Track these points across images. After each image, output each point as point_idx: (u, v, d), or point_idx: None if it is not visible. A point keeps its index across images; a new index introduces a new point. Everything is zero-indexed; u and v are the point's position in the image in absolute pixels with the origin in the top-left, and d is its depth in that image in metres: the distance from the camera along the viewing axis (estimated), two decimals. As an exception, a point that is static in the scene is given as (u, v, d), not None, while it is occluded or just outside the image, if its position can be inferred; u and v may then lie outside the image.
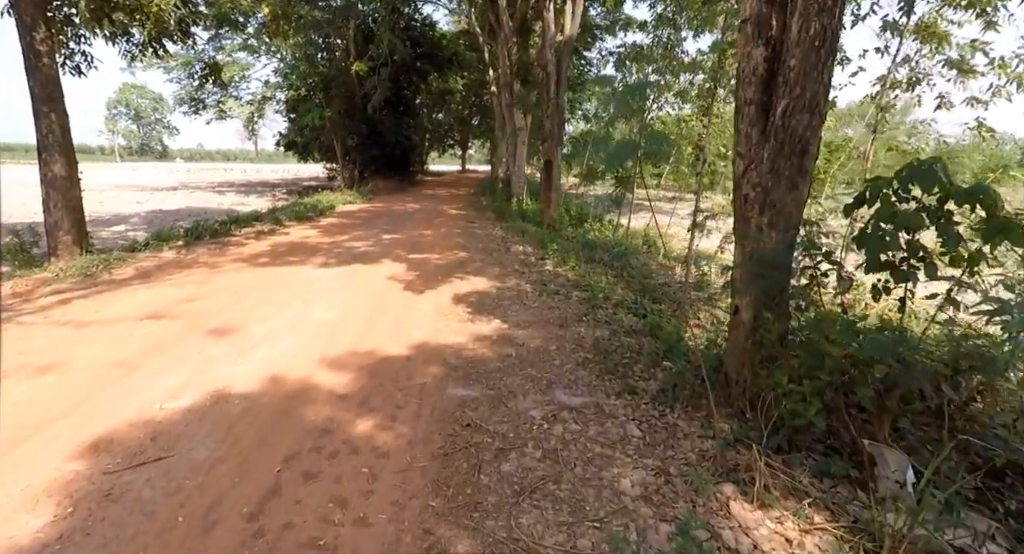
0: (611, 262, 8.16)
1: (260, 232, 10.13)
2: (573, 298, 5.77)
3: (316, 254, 8.00)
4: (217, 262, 7.18)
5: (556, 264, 7.63)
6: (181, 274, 6.39)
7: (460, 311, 5.14)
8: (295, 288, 5.86)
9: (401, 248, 8.74)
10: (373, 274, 6.71)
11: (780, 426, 2.53)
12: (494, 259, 7.97)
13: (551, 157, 10.95)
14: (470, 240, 9.75)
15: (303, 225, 11.45)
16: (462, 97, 36.17)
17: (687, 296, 6.66)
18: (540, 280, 6.54)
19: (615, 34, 22.44)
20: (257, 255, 7.80)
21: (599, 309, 5.36)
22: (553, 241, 9.12)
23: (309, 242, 9.12)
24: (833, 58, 2.65)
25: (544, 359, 3.92)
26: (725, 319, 5.44)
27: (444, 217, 13.72)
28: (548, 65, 10.54)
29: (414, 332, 4.45)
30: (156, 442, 2.62)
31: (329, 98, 20.47)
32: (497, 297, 5.69)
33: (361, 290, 5.87)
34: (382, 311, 5.07)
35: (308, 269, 6.90)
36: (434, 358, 3.89)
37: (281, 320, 4.67)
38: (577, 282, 6.48)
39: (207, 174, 42.67)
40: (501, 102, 17.58)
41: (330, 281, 6.24)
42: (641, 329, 4.74)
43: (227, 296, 5.43)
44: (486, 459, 2.53)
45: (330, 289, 5.86)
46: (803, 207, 2.89)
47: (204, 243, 8.78)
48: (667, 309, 5.79)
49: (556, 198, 11.41)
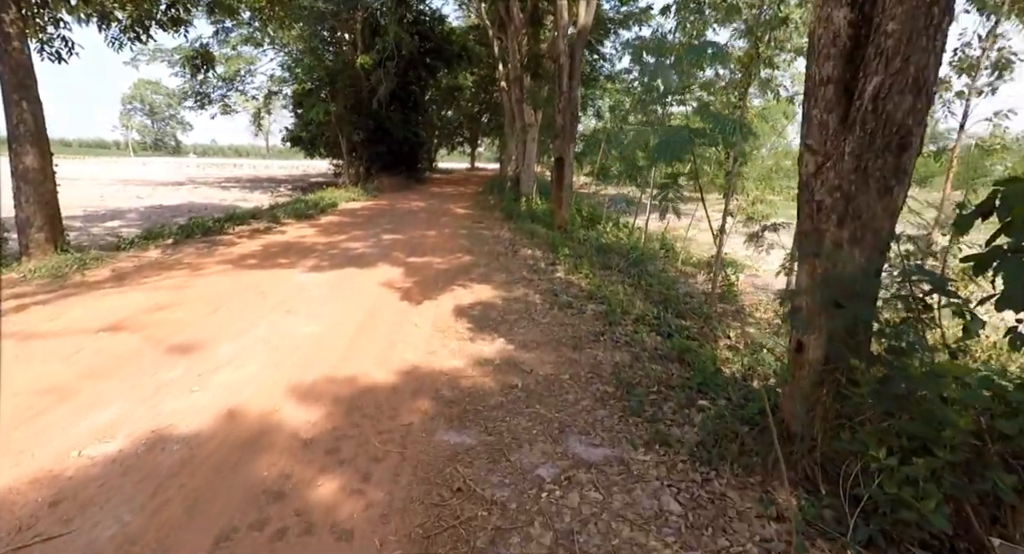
0: (627, 269, 7.53)
1: (255, 230, 9.60)
2: (588, 312, 5.14)
3: (309, 256, 7.44)
4: (202, 263, 6.64)
5: (568, 271, 7.01)
6: (159, 277, 5.85)
7: (460, 327, 4.54)
8: (279, 295, 5.29)
9: (401, 250, 8.16)
10: (368, 280, 6.13)
11: (872, 511, 1.90)
12: (501, 264, 7.36)
13: (563, 154, 10.31)
14: (475, 242, 9.15)
15: (301, 223, 10.91)
16: (471, 94, 35.57)
17: (714, 308, 6.01)
18: (551, 289, 5.92)
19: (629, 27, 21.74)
20: (246, 256, 7.25)
21: (617, 326, 4.73)
22: (564, 245, 8.50)
23: (304, 242, 8.57)
24: (950, 19, 2.00)
25: (555, 392, 3.31)
26: (764, 342, 4.80)
27: (449, 216, 13.13)
28: (560, 57, 9.89)
29: (405, 354, 3.86)
30: (56, 509, 2.04)
31: (335, 92, 19.96)
32: (503, 310, 5.08)
33: (352, 299, 5.28)
34: (372, 326, 4.48)
35: (297, 273, 6.33)
36: (425, 388, 3.29)
37: (255, 335, 4.09)
38: (592, 292, 5.86)
39: (216, 170, 42.50)
40: (511, 98, 16.96)
41: (319, 288, 5.67)
42: (668, 353, 4.11)
43: (202, 304, 4.87)
44: (479, 546, 1.92)
45: (317, 297, 5.28)
46: (896, 218, 2.24)
47: (194, 241, 8.26)
48: (693, 325, 5.15)
49: (568, 198, 10.78)
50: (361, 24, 20.09)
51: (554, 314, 5.03)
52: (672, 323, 5.04)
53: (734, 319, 5.99)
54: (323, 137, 22.78)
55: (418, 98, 26.38)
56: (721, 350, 4.62)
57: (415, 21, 23.16)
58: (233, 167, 50.52)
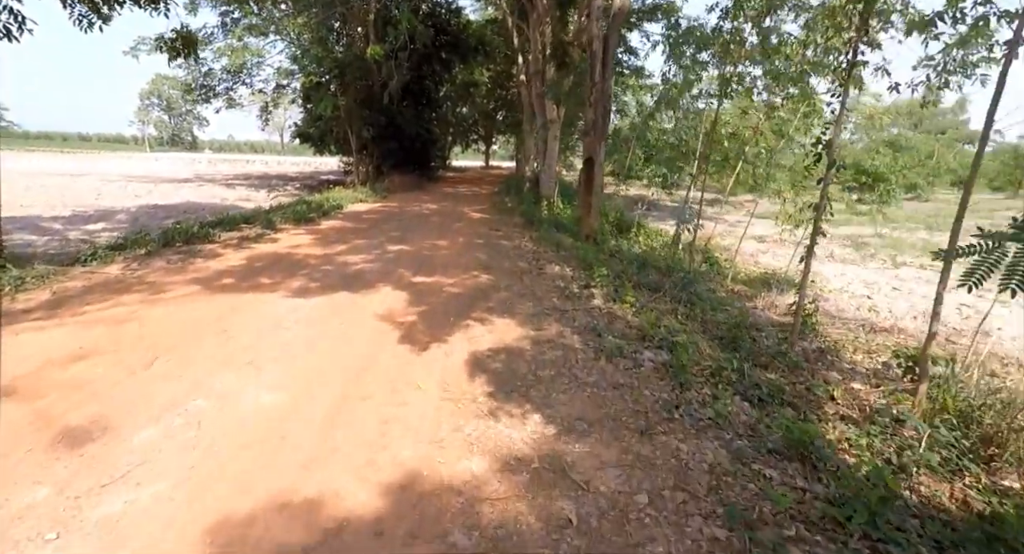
0: (675, 292, 6.27)
1: (244, 238, 8.49)
2: (645, 363, 3.90)
3: (298, 274, 6.28)
4: (166, 284, 5.51)
5: (606, 296, 5.77)
6: (104, 304, 4.72)
7: (478, 390, 3.32)
8: (245, 336, 4.12)
9: (407, 266, 6.97)
10: (363, 310, 4.94)
11: None
12: (525, 286, 6.13)
13: (593, 154, 9.05)
14: (493, 255, 7.93)
15: (299, 229, 9.78)
16: (487, 90, 34.35)
17: (794, 348, 4.73)
18: (590, 326, 4.68)
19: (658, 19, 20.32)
20: (223, 273, 6.11)
21: (690, 389, 3.48)
22: (599, 261, 7.25)
23: (296, 254, 7.42)
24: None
25: (631, 535, 2.08)
26: (893, 412, 3.50)
27: (464, 222, 11.92)
28: (593, 42, 8.62)
29: (402, 449, 2.64)
30: None
31: (344, 86, 18.84)
32: (533, 359, 3.86)
33: (338, 342, 4.09)
34: (360, 391, 3.28)
35: (278, 300, 5.16)
36: (427, 528, 2.08)
37: (191, 411, 2.92)
38: (644, 331, 4.61)
39: (227, 166, 41.83)
40: (531, 92, 15.70)
41: (300, 323, 4.49)
42: (774, 440, 2.85)
43: (139, 351, 3.71)
44: None
45: (294, 340, 4.10)
46: None
47: (171, 251, 7.15)
48: (783, 381, 3.88)
49: (597, 203, 9.52)
50: (374, 15, 18.95)
51: (601, 367, 3.79)
52: (757, 378, 3.79)
53: (823, 363, 4.70)
54: (332, 133, 21.71)
55: (432, 93, 25.25)
56: (834, 424, 3.36)
57: (431, 13, 22.02)
58: (246, 163, 49.90)
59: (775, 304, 6.78)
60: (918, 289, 7.92)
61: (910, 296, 7.53)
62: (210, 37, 17.52)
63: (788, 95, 6.33)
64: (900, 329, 5.79)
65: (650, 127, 16.97)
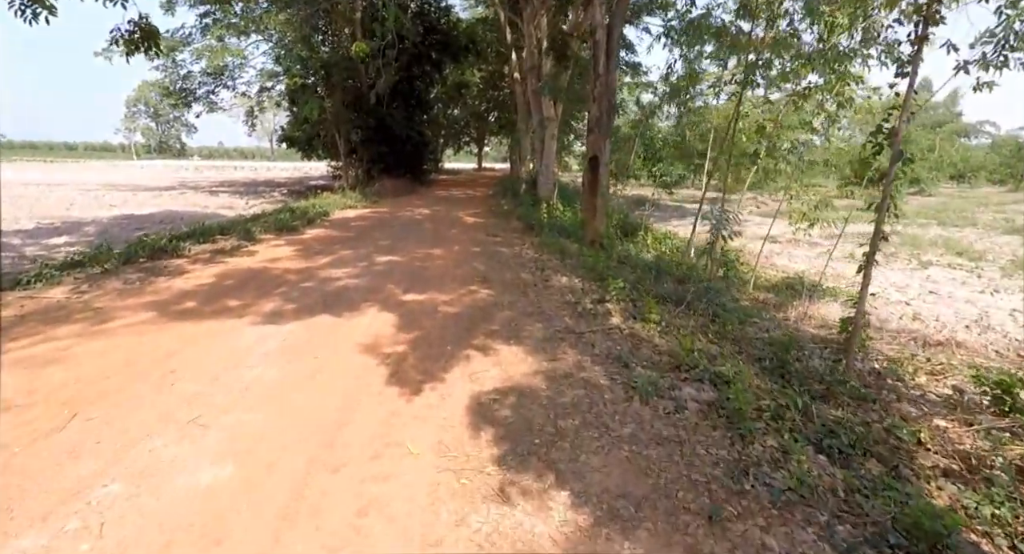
0: (696, 303, 5.58)
1: (218, 251, 7.71)
2: (687, 403, 3.17)
3: (272, 293, 5.51)
4: (115, 310, 4.74)
5: (624, 312, 5.04)
6: (31, 340, 3.94)
7: (484, 455, 2.58)
8: (196, 380, 3.36)
9: (397, 280, 6.23)
10: (343, 340, 4.19)
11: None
12: (530, 302, 5.40)
13: (597, 152, 8.34)
14: (493, 265, 7.19)
15: (280, 240, 9.00)
16: (479, 91, 33.67)
17: (847, 369, 4.02)
18: (613, 353, 3.96)
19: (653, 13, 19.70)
20: (186, 295, 5.34)
21: (752, 443, 2.76)
22: (610, 269, 6.55)
23: (273, 269, 6.65)
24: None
25: None
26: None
27: (459, 227, 11.17)
28: (597, 30, 7.92)
29: (382, 558, 1.91)
30: None
31: (331, 87, 18.07)
32: (551, 404, 3.12)
33: (310, 387, 3.33)
34: (331, 459, 2.53)
35: (244, 327, 4.40)
36: None
37: (96, 503, 2.14)
38: (675, 355, 3.89)
39: (214, 173, 40.90)
40: (526, 89, 14.98)
41: (266, 360, 3.73)
42: (889, 526, 2.13)
43: (55, 403, 2.94)
44: None
45: (256, 383, 3.34)
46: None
47: (132, 268, 6.38)
48: (852, 420, 3.17)
49: (603, 206, 8.81)
50: (361, 13, 18.19)
51: (636, 412, 3.06)
52: (825, 419, 3.08)
53: (887, 390, 4.00)
54: (320, 137, 20.92)
55: (423, 94, 24.49)
56: (937, 483, 2.65)
57: (419, 11, 21.30)
58: (234, 170, 48.95)
59: (808, 314, 6.09)
60: (957, 293, 7.26)
61: (951, 301, 6.86)
62: (188, 38, 16.70)
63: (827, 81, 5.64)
64: (958, 342, 5.10)
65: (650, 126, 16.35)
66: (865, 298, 4.01)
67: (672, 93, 9.59)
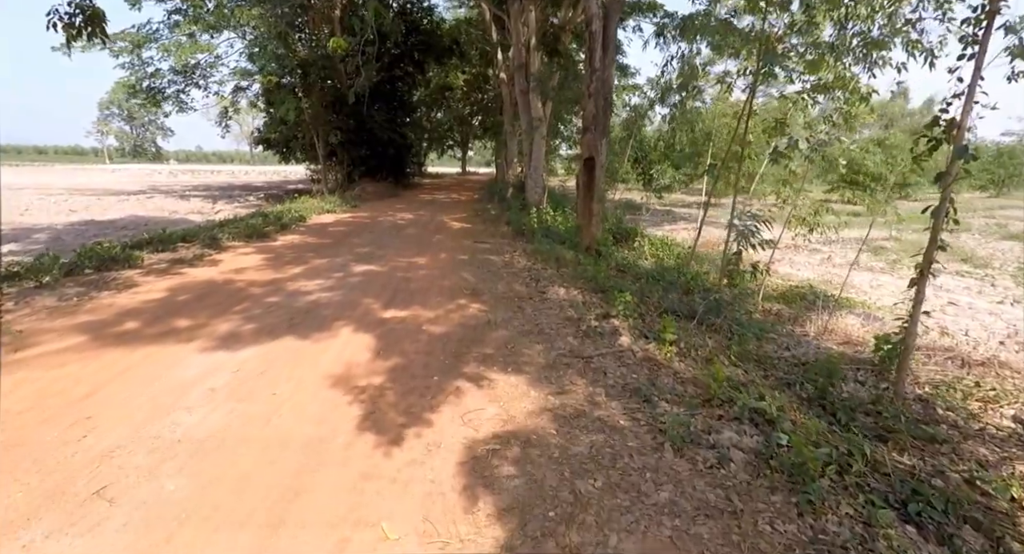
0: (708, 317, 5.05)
1: (177, 261, 6.94)
2: (731, 453, 2.58)
3: (231, 310, 4.81)
4: (38, 335, 3.99)
5: (633, 330, 4.46)
6: (-79, 375, 3.20)
7: (486, 541, 1.95)
8: (116, 429, 2.66)
9: (376, 293, 5.56)
10: (309, 369, 3.52)
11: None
12: (527, 318, 4.78)
13: (593, 153, 7.79)
14: (483, 275, 6.57)
15: (249, 247, 8.25)
16: (463, 93, 33.10)
17: (896, 398, 3.48)
18: (629, 383, 3.36)
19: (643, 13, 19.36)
20: (128, 314, 4.61)
21: (825, 513, 2.17)
22: (611, 279, 5.98)
23: (236, 282, 5.92)
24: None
25: None
26: None
27: (444, 233, 10.52)
28: (592, 21, 7.38)
29: None
30: None
31: (308, 87, 17.27)
32: (564, 459, 2.50)
33: (260, 439, 2.65)
34: (277, 551, 1.88)
35: (191, 355, 3.70)
36: None
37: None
38: (702, 385, 3.31)
39: (189, 177, 39.51)
40: (513, 89, 14.42)
41: (211, 400, 3.04)
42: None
43: (-82, 472, 2.24)
44: None
45: (189, 437, 2.65)
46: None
47: (75, 282, 5.61)
48: (925, 467, 2.62)
49: (599, 210, 8.26)
50: (341, 12, 17.46)
51: (671, 468, 2.45)
52: (903, 474, 2.52)
53: (946, 424, 3.46)
54: (298, 138, 20.07)
55: (405, 96, 23.84)
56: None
57: (401, 10, 20.66)
58: (210, 174, 47.48)
59: (829, 328, 5.58)
60: (977, 304, 6.84)
61: (973, 313, 6.43)
62: (154, 33, 15.80)
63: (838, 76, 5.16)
64: (1001, 362, 4.62)
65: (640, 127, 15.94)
66: (918, 317, 3.48)
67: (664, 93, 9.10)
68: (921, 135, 3.51)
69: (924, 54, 5.09)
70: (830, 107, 5.98)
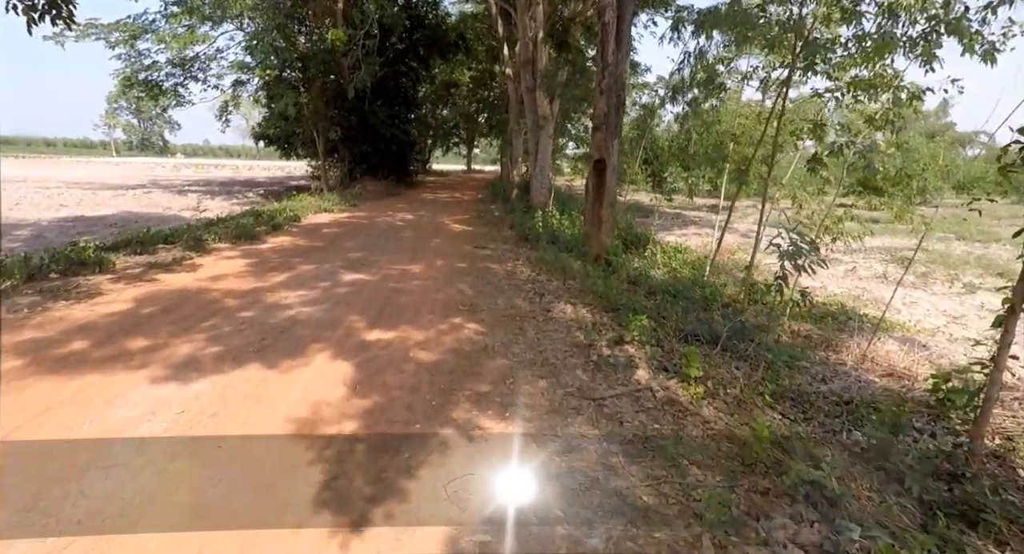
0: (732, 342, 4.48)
1: (154, 265, 6.41)
2: (787, 549, 2.00)
3: (196, 328, 4.26)
4: (-34, 358, 3.46)
5: (651, 361, 3.88)
6: None
7: None
8: (9, 496, 2.11)
9: (362, 308, 5.00)
10: (269, 410, 2.96)
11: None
12: (530, 343, 4.21)
13: (604, 154, 7.19)
14: (481, 287, 6.00)
15: (235, 250, 7.71)
16: (469, 91, 32.54)
17: (974, 457, 2.89)
18: (650, 437, 2.78)
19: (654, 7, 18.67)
20: (80, 330, 4.07)
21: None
22: (623, 295, 5.40)
23: (211, 292, 5.38)
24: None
25: None
26: None
27: (443, 237, 9.95)
28: (605, 12, 6.79)
29: None
30: None
31: (308, 81, 16.74)
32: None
33: (181, 527, 2.10)
34: None
35: (133, 389, 3.15)
36: None
37: None
38: (739, 442, 2.73)
39: (192, 171, 39.19)
40: (519, 86, 13.83)
41: (138, 455, 2.48)
42: None
43: None
44: None
45: (92, 519, 2.10)
46: None
47: (33, 288, 5.08)
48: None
49: (610, 216, 7.66)
50: (344, 3, 16.89)
51: (712, 571, 1.88)
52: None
53: None
54: (298, 134, 19.56)
55: (409, 92, 23.27)
56: None
57: (406, 4, 20.09)
58: (214, 168, 47.12)
59: (868, 356, 4.97)
60: (1026, 326, 6.20)
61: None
62: (151, 24, 15.30)
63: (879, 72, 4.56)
64: (1075, 404, 4.01)
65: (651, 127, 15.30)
66: (1004, 361, 2.88)
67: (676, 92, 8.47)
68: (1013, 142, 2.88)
69: (985, 47, 4.48)
70: (872, 108, 5.37)
